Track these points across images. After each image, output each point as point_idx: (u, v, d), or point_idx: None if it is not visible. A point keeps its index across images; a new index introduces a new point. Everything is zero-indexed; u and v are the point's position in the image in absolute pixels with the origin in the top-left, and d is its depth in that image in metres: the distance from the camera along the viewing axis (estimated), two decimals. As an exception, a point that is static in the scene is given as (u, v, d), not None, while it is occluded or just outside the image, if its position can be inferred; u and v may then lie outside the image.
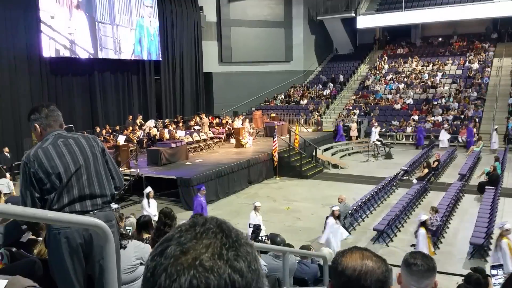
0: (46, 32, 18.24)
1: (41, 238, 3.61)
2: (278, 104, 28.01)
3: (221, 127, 20.17)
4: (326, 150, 19.33)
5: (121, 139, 15.72)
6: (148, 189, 10.50)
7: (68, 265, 2.50)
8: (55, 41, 18.63)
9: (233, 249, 0.62)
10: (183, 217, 10.14)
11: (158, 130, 18.45)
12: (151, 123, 19.97)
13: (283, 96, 28.91)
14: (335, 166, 17.49)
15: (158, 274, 0.60)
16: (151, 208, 10.04)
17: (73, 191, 2.57)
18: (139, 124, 19.95)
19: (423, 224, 8.42)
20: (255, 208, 9.88)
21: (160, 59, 23.72)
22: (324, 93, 27.93)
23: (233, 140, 18.65)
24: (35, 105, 2.83)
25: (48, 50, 18.34)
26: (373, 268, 1.26)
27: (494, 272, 2.07)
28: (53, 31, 18.53)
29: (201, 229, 0.64)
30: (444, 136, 20.20)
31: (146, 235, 4.87)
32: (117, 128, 19.51)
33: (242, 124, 19.30)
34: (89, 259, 2.56)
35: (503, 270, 2.06)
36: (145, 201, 10.31)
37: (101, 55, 20.73)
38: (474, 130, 20.23)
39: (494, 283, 2.03)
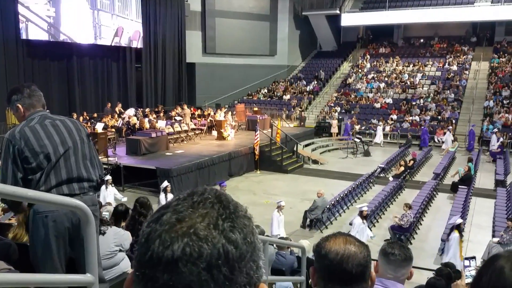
0: (24, 14, 17.68)
1: (15, 223, 3.54)
2: (261, 98, 28.02)
3: (203, 118, 20.05)
4: (307, 145, 19.50)
5: (99, 127, 15.43)
6: (165, 184, 10.30)
7: (54, 249, 2.46)
8: (33, 23, 18.09)
9: (229, 221, 0.62)
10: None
11: (138, 119, 18.20)
12: (130, 111, 19.67)
13: (266, 90, 28.93)
14: (315, 161, 17.67)
15: (152, 240, 0.60)
16: None
17: (61, 173, 2.53)
18: (118, 112, 19.61)
19: (457, 227, 7.98)
20: (279, 207, 9.43)
21: (142, 46, 23.33)
22: (307, 89, 28.11)
23: (214, 132, 18.57)
24: (15, 86, 2.74)
25: (25, 32, 17.80)
26: (355, 253, 1.30)
27: (467, 263, 2.14)
28: (32, 13, 17.98)
29: (198, 199, 0.64)
30: (449, 137, 20.05)
31: (122, 224, 4.81)
32: (95, 115, 19.15)
33: (225, 116, 19.23)
34: (75, 244, 2.52)
35: (475, 261, 2.14)
36: (162, 196, 10.16)
37: (81, 39, 20.23)
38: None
39: (466, 275, 2.10)
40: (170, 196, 10.12)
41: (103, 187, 10.23)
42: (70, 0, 19.43)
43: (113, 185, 11.24)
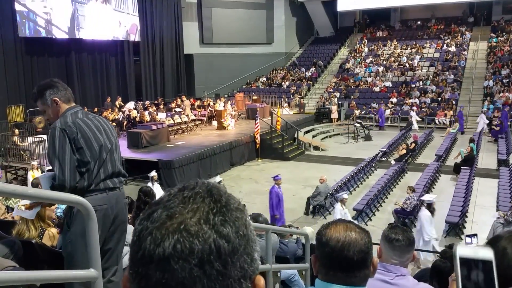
0: (21, 11, 17.60)
1: (19, 220, 3.54)
2: (260, 87, 27.93)
3: (203, 109, 20.03)
4: (307, 132, 19.48)
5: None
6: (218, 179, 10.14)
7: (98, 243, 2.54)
8: (30, 20, 18.03)
9: (221, 214, 0.60)
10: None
11: (138, 112, 18.18)
12: (130, 105, 19.66)
13: (265, 79, 28.82)
14: (316, 148, 17.66)
15: (143, 238, 0.59)
16: None
17: (108, 167, 2.61)
18: (118, 106, 19.61)
19: None
20: (342, 201, 8.92)
21: (140, 40, 23.21)
22: (306, 76, 27.97)
23: (215, 123, 18.55)
24: (44, 82, 2.71)
25: (23, 30, 17.73)
26: (356, 239, 1.29)
27: (468, 240, 2.15)
28: (28, 11, 17.89)
29: (189, 194, 0.63)
30: (482, 120, 19.23)
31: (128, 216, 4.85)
32: (95, 110, 19.13)
33: (224, 106, 19.19)
34: (111, 236, 2.66)
35: (477, 239, 2.14)
36: None
37: (78, 35, 20.13)
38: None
39: (468, 253, 2.11)
40: None
41: (149, 183, 10.08)
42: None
43: (158, 181, 10.96)
